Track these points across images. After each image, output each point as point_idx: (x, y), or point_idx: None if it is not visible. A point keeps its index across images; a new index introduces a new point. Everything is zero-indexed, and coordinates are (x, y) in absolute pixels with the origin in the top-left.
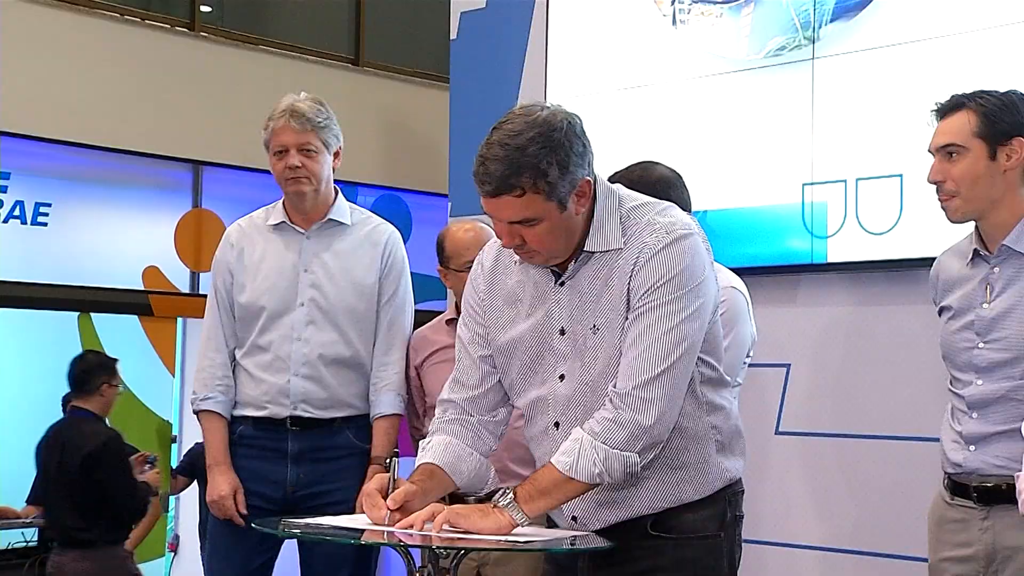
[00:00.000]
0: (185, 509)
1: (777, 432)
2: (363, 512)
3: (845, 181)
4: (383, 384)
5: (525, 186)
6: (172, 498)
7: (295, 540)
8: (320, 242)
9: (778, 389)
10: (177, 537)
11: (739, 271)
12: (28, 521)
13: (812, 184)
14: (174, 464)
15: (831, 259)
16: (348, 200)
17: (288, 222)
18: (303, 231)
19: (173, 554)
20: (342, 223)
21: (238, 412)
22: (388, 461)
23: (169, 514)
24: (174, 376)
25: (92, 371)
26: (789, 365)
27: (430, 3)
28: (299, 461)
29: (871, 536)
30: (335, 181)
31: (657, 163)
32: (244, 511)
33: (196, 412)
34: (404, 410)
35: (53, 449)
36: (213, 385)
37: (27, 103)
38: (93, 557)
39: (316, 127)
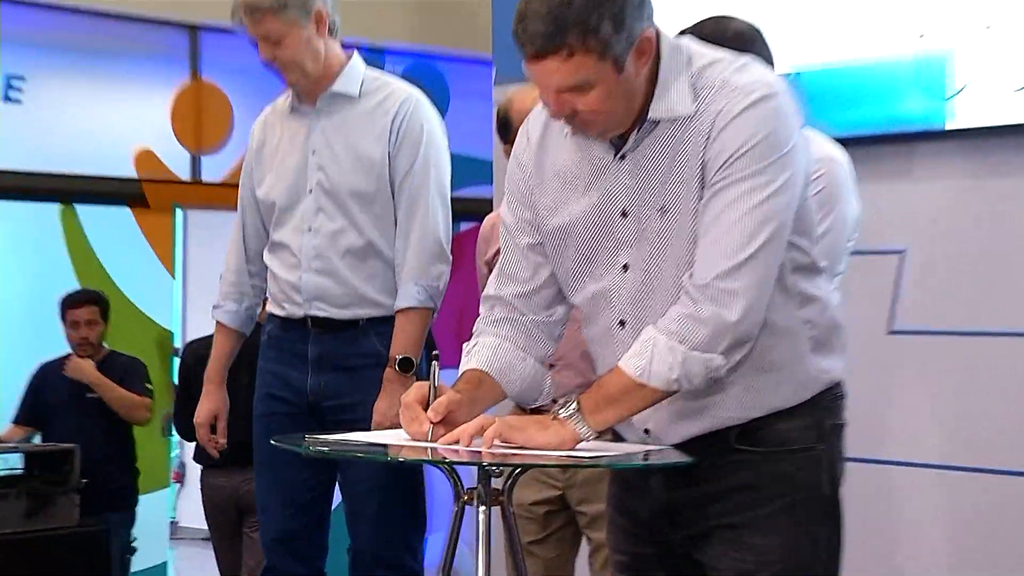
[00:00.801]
0: None
1: (891, 331)
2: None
3: (970, 30)
4: (400, 275)
5: (573, 45)
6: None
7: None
8: (327, 119)
9: (891, 280)
10: (183, 465)
11: (841, 140)
12: (13, 445)
13: (929, 35)
14: (175, 380)
15: (953, 125)
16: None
17: (297, 103)
18: (312, 108)
19: (179, 485)
20: (349, 95)
21: (269, 310)
22: (430, 367)
23: (172, 440)
24: (174, 278)
25: None
26: (904, 251)
27: None
28: (320, 368)
29: (1005, 451)
30: (358, 46)
31: (732, 17)
32: (223, 440)
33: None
34: (429, 303)
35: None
36: (225, 292)
37: None
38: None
39: (270, 11)
